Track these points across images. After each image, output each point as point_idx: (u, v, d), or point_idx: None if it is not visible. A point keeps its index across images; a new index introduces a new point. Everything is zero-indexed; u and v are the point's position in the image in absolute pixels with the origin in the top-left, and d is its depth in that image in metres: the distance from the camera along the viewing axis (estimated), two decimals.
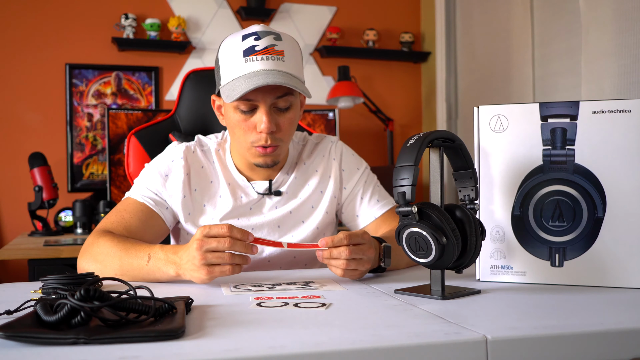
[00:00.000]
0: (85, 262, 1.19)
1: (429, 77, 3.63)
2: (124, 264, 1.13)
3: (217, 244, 0.99)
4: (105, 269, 1.15)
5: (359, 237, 1.06)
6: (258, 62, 1.22)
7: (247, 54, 1.23)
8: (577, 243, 1.03)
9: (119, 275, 1.13)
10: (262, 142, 1.26)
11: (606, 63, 2.16)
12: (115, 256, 1.14)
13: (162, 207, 1.30)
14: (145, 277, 1.11)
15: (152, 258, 1.10)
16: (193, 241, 1.01)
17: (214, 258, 1.00)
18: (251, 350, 0.65)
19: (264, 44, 1.23)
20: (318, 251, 1.06)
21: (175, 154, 1.35)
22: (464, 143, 1.00)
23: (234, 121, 1.28)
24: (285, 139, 1.30)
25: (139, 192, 1.31)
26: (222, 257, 1.00)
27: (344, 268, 1.05)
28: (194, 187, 1.34)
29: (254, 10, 3.33)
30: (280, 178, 1.39)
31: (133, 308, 0.74)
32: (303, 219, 1.38)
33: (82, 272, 1.18)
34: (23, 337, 0.66)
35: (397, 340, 0.69)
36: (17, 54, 3.07)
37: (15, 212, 3.02)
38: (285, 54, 1.24)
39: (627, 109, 1.01)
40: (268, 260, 1.35)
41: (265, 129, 1.24)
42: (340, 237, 1.04)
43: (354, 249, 1.04)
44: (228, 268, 1.01)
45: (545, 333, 0.72)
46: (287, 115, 1.28)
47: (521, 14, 2.81)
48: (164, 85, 3.30)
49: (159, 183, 1.31)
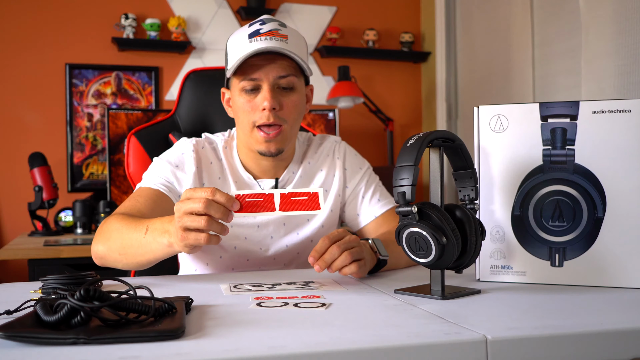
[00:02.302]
0: (95, 245, 1.18)
1: (429, 77, 3.63)
2: (125, 240, 1.11)
3: (193, 204, 0.93)
4: (110, 248, 1.13)
5: (336, 234, 1.07)
6: (261, 42, 1.24)
7: (252, 36, 1.25)
8: (577, 243, 1.03)
9: (120, 254, 1.11)
10: (264, 119, 1.26)
11: (606, 63, 2.16)
12: (119, 233, 1.12)
13: (174, 194, 1.30)
14: (144, 252, 1.08)
15: (150, 229, 1.07)
16: (176, 203, 0.98)
17: (189, 221, 0.94)
18: (251, 350, 0.65)
19: (269, 28, 1.26)
20: (315, 265, 1.05)
21: (186, 147, 1.35)
22: (464, 143, 1.00)
23: (239, 105, 1.29)
24: (288, 121, 1.29)
25: (151, 180, 1.30)
26: (197, 220, 0.94)
27: (346, 264, 1.05)
28: (204, 182, 1.34)
29: (254, 10, 3.33)
30: (286, 176, 1.39)
31: (133, 308, 0.74)
32: (308, 217, 1.39)
33: (94, 254, 1.18)
34: (23, 337, 0.66)
35: (397, 340, 0.69)
36: (17, 54, 3.07)
37: (15, 212, 3.02)
38: (289, 38, 1.27)
39: (627, 109, 1.01)
40: (273, 258, 1.36)
41: (268, 106, 1.25)
42: (322, 243, 1.05)
43: (340, 244, 1.05)
44: (203, 236, 0.95)
45: (545, 333, 0.72)
46: (291, 97, 1.29)
47: (521, 14, 2.81)
48: (164, 85, 3.30)
49: (170, 172, 1.31)
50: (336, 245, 1.05)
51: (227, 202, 0.94)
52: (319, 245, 1.05)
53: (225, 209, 0.94)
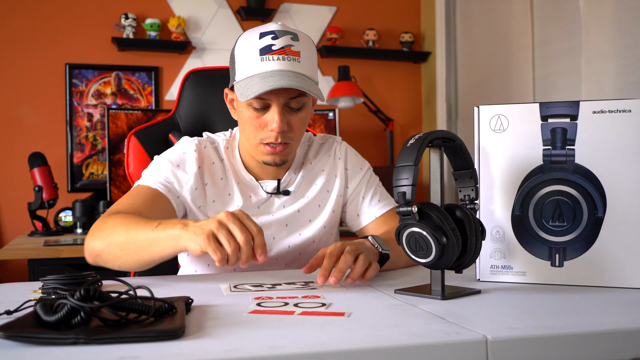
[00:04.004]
0: (91, 241, 1.15)
1: (429, 77, 3.63)
2: (130, 234, 1.09)
3: (236, 228, 0.96)
4: (110, 244, 1.11)
5: (337, 248, 1.06)
6: (274, 62, 1.21)
7: (263, 52, 1.22)
8: (577, 243, 1.03)
9: (122, 249, 1.10)
10: (272, 139, 1.26)
11: (606, 63, 2.16)
12: (122, 229, 1.10)
13: (173, 195, 1.29)
14: (147, 247, 1.07)
15: (162, 223, 1.06)
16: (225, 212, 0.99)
17: (223, 236, 0.96)
18: (251, 350, 0.65)
19: (281, 44, 1.23)
20: (331, 278, 1.02)
21: (188, 146, 1.34)
22: (464, 143, 1.00)
23: (246, 117, 1.28)
24: (296, 138, 1.30)
25: (150, 179, 1.29)
26: (229, 241, 0.95)
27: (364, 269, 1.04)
28: (206, 182, 1.33)
29: (254, 10, 3.33)
30: (288, 177, 1.39)
31: (133, 308, 0.74)
32: (310, 217, 1.39)
33: (89, 251, 1.15)
34: (23, 337, 0.66)
35: (397, 340, 0.69)
36: (17, 53, 3.07)
37: (15, 212, 3.02)
38: (301, 54, 1.24)
39: (628, 109, 1.01)
40: (275, 258, 1.36)
41: (277, 128, 1.24)
42: (328, 260, 1.04)
43: (350, 251, 1.04)
44: (222, 254, 0.95)
45: (545, 333, 0.72)
46: (299, 115, 1.28)
47: (521, 14, 2.81)
48: (164, 85, 3.30)
49: (170, 172, 1.30)
50: (347, 253, 1.04)
51: (259, 247, 0.98)
52: (326, 263, 1.03)
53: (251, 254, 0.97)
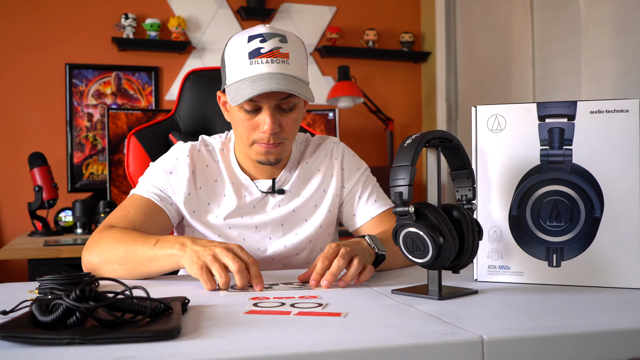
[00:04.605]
0: (90, 255, 1.18)
1: (429, 77, 3.63)
2: (129, 249, 1.13)
3: (230, 260, 1.00)
4: (109, 259, 1.15)
5: (332, 250, 1.07)
6: (263, 65, 1.22)
7: (252, 56, 1.23)
8: (575, 243, 1.03)
9: (121, 264, 1.13)
10: (264, 141, 1.28)
11: (606, 63, 2.15)
12: (121, 244, 1.14)
13: (166, 202, 1.31)
14: (147, 263, 1.11)
15: (160, 240, 1.11)
16: (227, 243, 1.04)
17: (216, 269, 1.00)
18: (247, 351, 0.65)
19: (269, 47, 1.23)
20: (323, 281, 1.03)
21: (181, 152, 1.36)
22: (461, 143, 1.00)
23: (238, 119, 1.29)
24: (288, 138, 1.31)
25: (144, 188, 1.32)
26: (221, 274, 1.00)
27: (358, 273, 1.06)
28: (199, 186, 1.35)
29: (254, 10, 3.33)
30: (284, 177, 1.39)
31: (129, 308, 0.74)
32: (306, 217, 1.39)
33: (87, 265, 1.18)
34: (18, 337, 0.66)
35: (393, 340, 0.69)
36: (17, 54, 3.07)
37: (15, 212, 3.02)
38: (290, 56, 1.24)
39: (625, 109, 1.01)
40: (272, 258, 1.36)
41: (269, 130, 1.25)
42: (322, 263, 1.05)
43: (344, 254, 1.05)
44: (213, 286, 1.01)
45: (542, 333, 0.72)
46: (291, 115, 1.29)
47: (521, 14, 2.81)
48: (164, 85, 3.30)
49: (163, 180, 1.32)
50: (340, 256, 1.05)
51: (255, 278, 1.02)
52: (319, 267, 1.05)
53: (245, 285, 1.01)
